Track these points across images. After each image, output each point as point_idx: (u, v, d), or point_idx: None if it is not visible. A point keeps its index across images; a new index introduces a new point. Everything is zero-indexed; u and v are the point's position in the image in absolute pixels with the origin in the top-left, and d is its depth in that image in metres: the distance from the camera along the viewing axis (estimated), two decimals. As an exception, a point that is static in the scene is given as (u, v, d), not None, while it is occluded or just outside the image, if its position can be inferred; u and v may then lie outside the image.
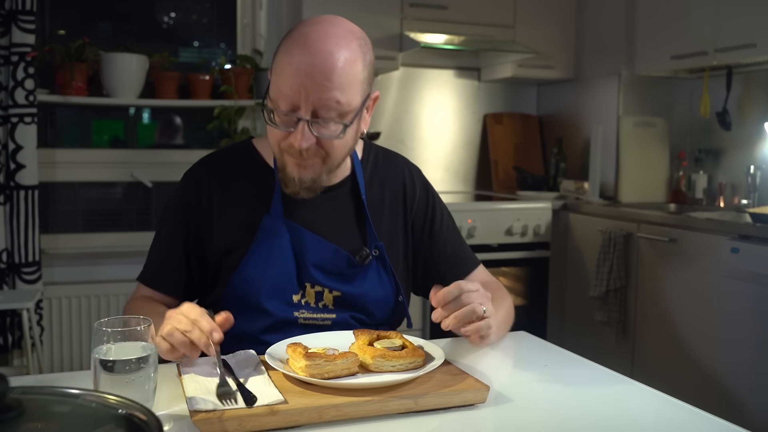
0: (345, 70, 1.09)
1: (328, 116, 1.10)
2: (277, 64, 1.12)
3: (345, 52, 1.09)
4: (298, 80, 1.07)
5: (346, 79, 1.09)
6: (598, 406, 1.00)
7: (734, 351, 2.47)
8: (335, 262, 1.24)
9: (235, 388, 0.94)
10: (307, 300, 1.24)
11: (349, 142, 1.18)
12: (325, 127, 1.11)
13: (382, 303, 1.29)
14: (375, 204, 1.31)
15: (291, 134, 1.11)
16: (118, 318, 0.89)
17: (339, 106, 1.09)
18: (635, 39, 3.31)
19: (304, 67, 1.07)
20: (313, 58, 1.07)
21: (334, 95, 1.08)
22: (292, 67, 1.08)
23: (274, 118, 1.13)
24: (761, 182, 3.01)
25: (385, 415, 0.93)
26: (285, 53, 1.10)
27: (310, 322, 1.24)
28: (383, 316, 1.30)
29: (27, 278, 2.76)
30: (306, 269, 1.23)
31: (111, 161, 3.13)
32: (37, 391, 0.63)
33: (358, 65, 1.11)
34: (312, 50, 1.07)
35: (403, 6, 3.20)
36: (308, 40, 1.09)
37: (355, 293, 1.25)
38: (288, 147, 1.14)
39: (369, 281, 1.26)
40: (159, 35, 3.42)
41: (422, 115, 3.70)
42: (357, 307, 1.27)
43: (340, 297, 1.25)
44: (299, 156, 1.14)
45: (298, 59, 1.08)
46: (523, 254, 3.20)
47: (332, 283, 1.24)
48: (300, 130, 1.10)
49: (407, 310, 1.34)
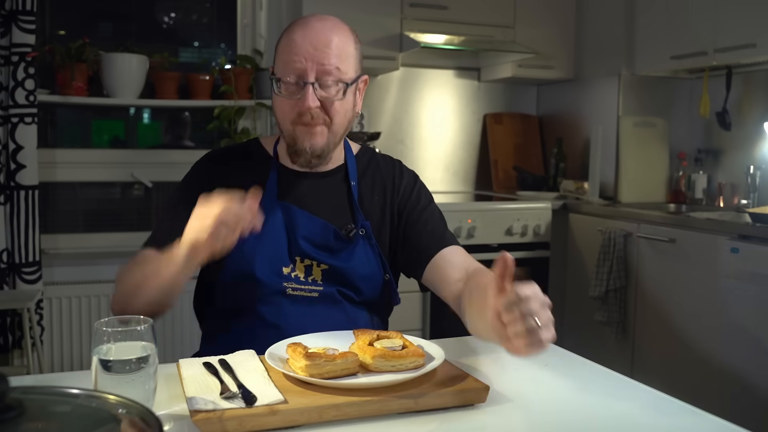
0: (341, 44, 1.28)
1: (329, 80, 1.26)
2: (281, 45, 1.30)
3: (341, 32, 1.29)
4: (303, 48, 1.25)
5: (342, 51, 1.27)
6: (597, 406, 1.01)
7: (734, 351, 2.47)
8: (323, 236, 1.32)
9: (235, 388, 0.94)
10: (297, 274, 1.30)
11: (348, 110, 1.32)
12: (327, 90, 1.27)
13: (369, 280, 1.34)
14: (364, 193, 1.39)
15: (299, 101, 1.26)
16: (118, 318, 0.89)
17: (338, 72, 1.26)
18: (635, 39, 3.31)
19: (309, 39, 1.26)
20: (314, 31, 1.27)
21: (333, 62, 1.26)
22: (297, 40, 1.26)
23: (281, 90, 1.28)
24: (761, 182, 3.01)
25: (385, 415, 0.94)
26: (288, 35, 1.29)
27: (298, 293, 1.29)
28: (371, 294, 1.35)
29: (27, 278, 2.76)
30: (296, 243, 1.31)
31: (111, 161, 3.13)
32: (37, 391, 0.63)
33: (351, 43, 1.30)
34: (313, 27, 1.27)
35: (403, 6, 3.20)
36: (308, 21, 1.29)
37: (342, 267, 1.31)
38: (297, 116, 1.27)
39: (356, 257, 1.33)
40: (159, 35, 3.42)
41: (422, 115, 3.70)
42: (344, 281, 1.32)
43: (328, 270, 1.31)
44: (308, 122, 1.27)
45: (301, 33, 1.27)
46: (523, 254, 3.19)
47: (320, 256, 1.31)
48: (307, 92, 1.25)
49: (395, 287, 1.40)
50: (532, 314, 0.90)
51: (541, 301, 0.92)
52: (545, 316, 0.91)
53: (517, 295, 0.90)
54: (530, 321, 0.89)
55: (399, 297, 1.41)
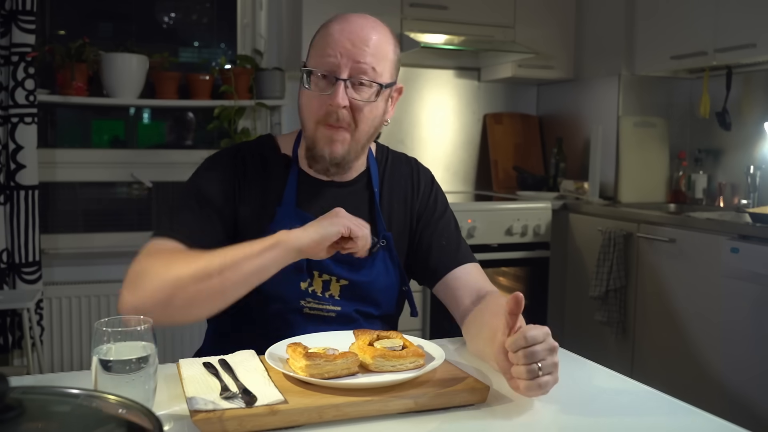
0: (380, 43, 1.21)
1: (363, 80, 1.19)
2: (317, 38, 1.23)
3: (381, 31, 1.23)
4: (340, 43, 1.18)
5: (380, 51, 1.21)
6: (597, 406, 1.01)
7: (734, 351, 2.47)
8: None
9: (235, 388, 0.94)
10: (314, 289, 1.25)
11: (377, 117, 1.24)
12: (359, 91, 1.20)
13: (387, 291, 1.31)
14: (386, 199, 1.34)
15: (327, 97, 1.19)
16: (118, 318, 0.89)
17: (373, 73, 1.20)
18: (635, 39, 3.31)
19: (346, 33, 1.19)
20: (354, 26, 1.20)
21: (369, 61, 1.19)
22: (334, 34, 1.20)
23: (310, 84, 1.21)
24: (761, 182, 3.01)
25: (385, 415, 0.93)
26: (325, 28, 1.22)
27: (315, 313, 1.25)
28: (388, 305, 1.33)
29: (27, 278, 2.76)
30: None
31: (111, 161, 3.13)
32: (37, 391, 0.63)
33: (390, 46, 1.24)
34: (352, 22, 1.21)
35: (403, 6, 3.20)
36: (348, 16, 1.22)
37: (363, 282, 1.28)
38: (324, 115, 1.20)
39: (376, 270, 1.29)
40: (159, 35, 3.42)
41: (422, 115, 3.70)
42: (363, 296, 1.28)
43: (347, 286, 1.27)
44: (333, 123, 1.20)
45: (339, 27, 1.20)
46: (523, 254, 3.20)
47: (340, 271, 1.26)
48: (338, 89, 1.18)
49: (412, 298, 1.37)
50: (536, 359, 0.92)
51: (549, 345, 0.94)
52: (550, 361, 0.94)
53: (524, 337, 0.92)
54: (533, 365, 0.92)
55: (417, 309, 1.39)
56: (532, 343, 0.92)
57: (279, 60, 3.31)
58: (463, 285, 1.28)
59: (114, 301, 3.00)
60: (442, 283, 1.31)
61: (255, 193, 1.27)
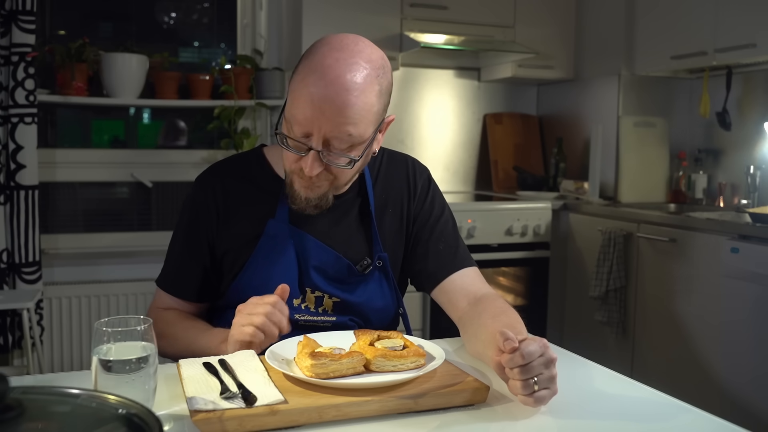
0: (359, 105, 1.08)
1: (339, 147, 1.11)
2: (293, 89, 1.12)
3: (361, 86, 1.08)
4: (311, 111, 1.07)
5: (359, 114, 1.09)
6: (597, 406, 1.01)
7: (734, 351, 2.47)
8: (336, 268, 1.25)
9: (235, 388, 0.94)
10: (307, 305, 1.25)
11: (357, 168, 1.19)
12: (335, 157, 1.12)
13: (381, 313, 1.30)
14: (380, 209, 1.31)
15: (302, 159, 1.13)
16: (118, 318, 0.89)
17: (351, 138, 1.11)
18: (635, 39, 3.31)
19: (319, 100, 1.07)
20: (328, 90, 1.07)
21: (346, 129, 1.09)
22: (307, 97, 1.08)
23: (287, 141, 1.14)
24: (761, 182, 3.01)
25: (385, 415, 0.93)
26: (301, 81, 1.10)
27: (310, 324, 1.25)
28: (382, 325, 1.32)
29: (27, 278, 2.76)
30: (307, 274, 1.24)
31: (111, 161, 3.13)
32: (37, 391, 0.63)
33: (372, 98, 1.11)
34: (328, 82, 1.07)
35: (403, 6, 3.20)
36: (325, 71, 1.07)
37: (355, 302, 1.27)
38: (298, 170, 1.15)
39: (370, 290, 1.28)
40: (159, 35, 3.42)
41: (422, 115, 3.70)
42: (356, 313, 1.28)
43: (340, 303, 1.26)
44: (308, 180, 1.15)
45: (313, 90, 1.07)
46: (523, 254, 3.20)
47: (332, 290, 1.25)
48: (310, 159, 1.11)
49: (407, 320, 1.36)
50: (532, 374, 0.92)
51: (546, 359, 0.94)
52: (547, 375, 0.94)
53: (521, 354, 0.92)
54: (529, 380, 0.92)
55: (411, 329, 1.38)
56: (528, 361, 0.92)
57: (279, 60, 3.31)
58: (460, 289, 1.27)
59: (114, 301, 3.00)
60: (439, 289, 1.30)
61: (245, 204, 1.27)
